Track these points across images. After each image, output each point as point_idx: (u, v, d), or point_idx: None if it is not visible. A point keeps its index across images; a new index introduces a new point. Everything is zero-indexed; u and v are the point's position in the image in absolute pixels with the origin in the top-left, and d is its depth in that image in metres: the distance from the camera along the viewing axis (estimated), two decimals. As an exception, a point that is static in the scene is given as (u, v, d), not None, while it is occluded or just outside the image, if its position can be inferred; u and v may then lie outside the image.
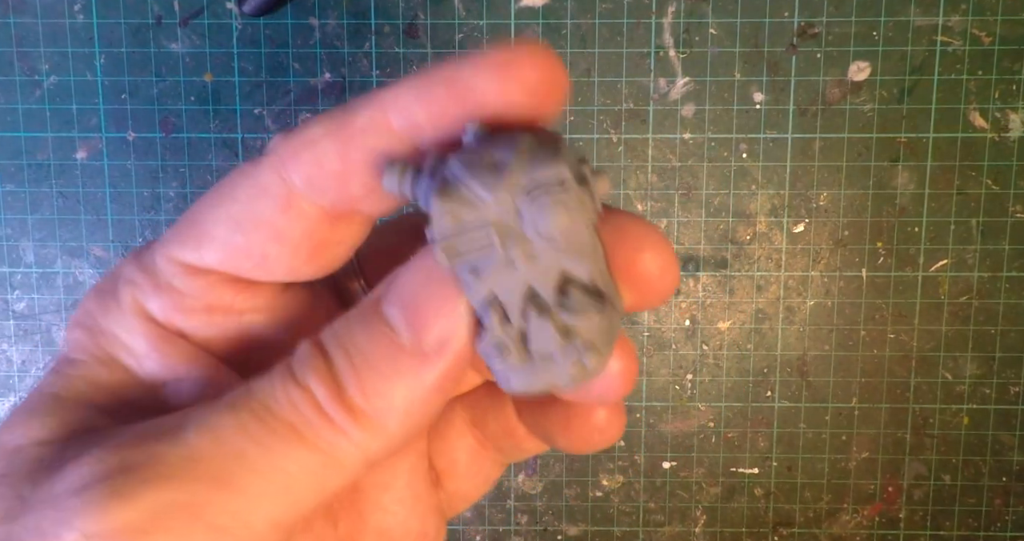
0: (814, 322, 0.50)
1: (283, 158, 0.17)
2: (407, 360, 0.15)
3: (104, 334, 0.18)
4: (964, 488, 0.51)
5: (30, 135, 0.49)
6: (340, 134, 0.16)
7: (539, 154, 0.14)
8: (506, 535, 0.52)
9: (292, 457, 0.15)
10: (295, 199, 0.17)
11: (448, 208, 0.14)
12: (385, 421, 0.16)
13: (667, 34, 0.48)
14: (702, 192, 0.49)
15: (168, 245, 0.18)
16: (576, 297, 0.15)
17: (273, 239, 0.17)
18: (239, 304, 0.18)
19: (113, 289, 0.18)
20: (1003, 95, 0.48)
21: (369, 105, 0.16)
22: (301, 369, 0.16)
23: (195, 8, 0.48)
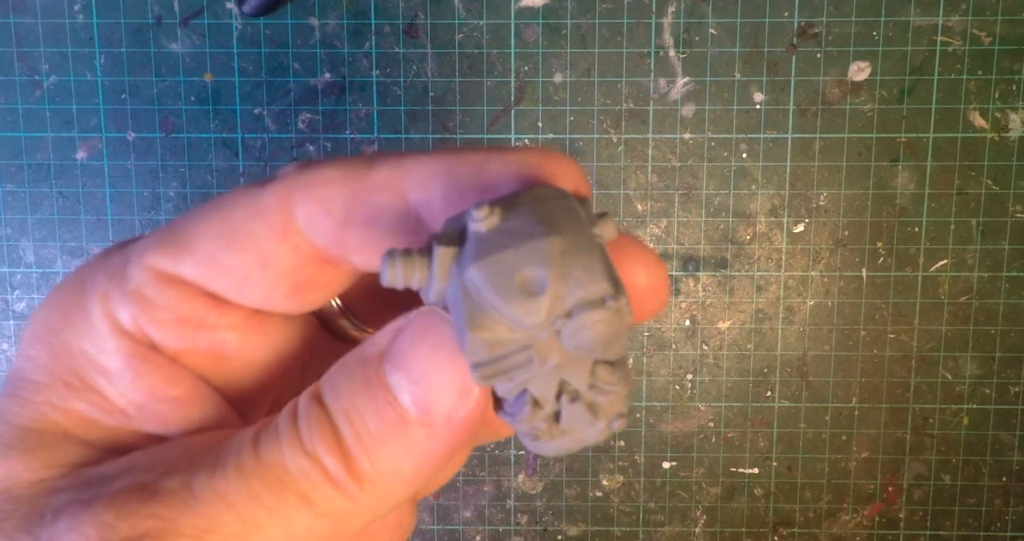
0: (814, 322, 0.50)
1: (292, 188, 0.16)
2: (415, 433, 0.15)
3: (71, 352, 0.17)
4: (964, 488, 0.51)
5: (30, 135, 0.49)
6: (354, 184, 0.16)
7: (576, 272, 0.14)
8: (506, 535, 0.52)
9: (305, 526, 0.15)
10: (292, 231, 0.17)
11: (484, 337, 0.14)
12: (393, 488, 0.16)
13: (667, 34, 0.48)
14: (702, 192, 0.49)
15: (146, 251, 0.17)
16: (605, 378, 0.15)
17: (259, 264, 0.17)
18: (212, 320, 0.18)
19: (79, 300, 0.17)
20: (1003, 95, 0.48)
21: (391, 166, 0.16)
22: (308, 435, 0.16)
23: (195, 8, 0.48)
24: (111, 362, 0.17)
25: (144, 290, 0.17)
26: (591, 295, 0.14)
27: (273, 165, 0.49)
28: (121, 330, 0.17)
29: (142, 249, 0.17)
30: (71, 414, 0.17)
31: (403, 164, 0.16)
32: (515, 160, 0.16)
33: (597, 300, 0.14)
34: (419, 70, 0.48)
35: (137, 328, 0.17)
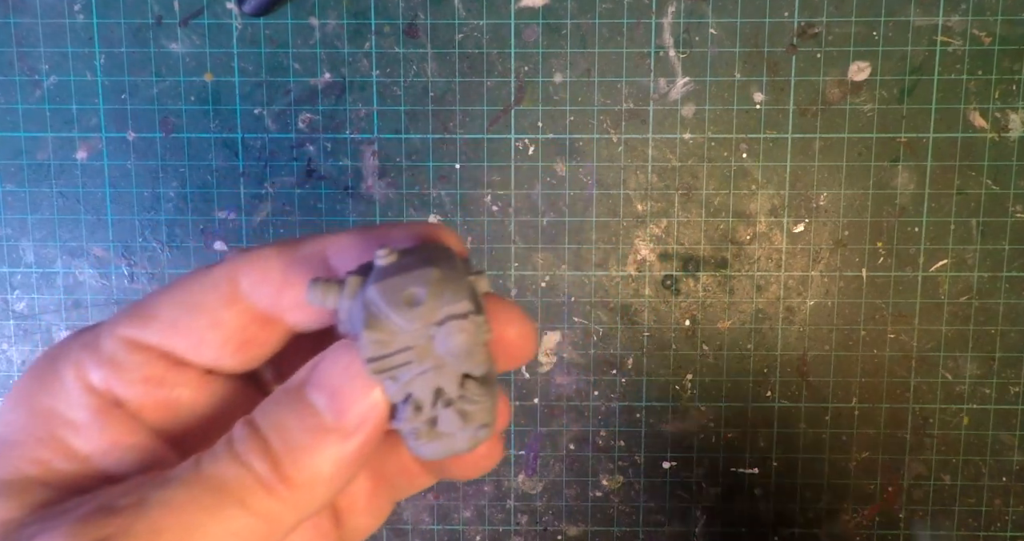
0: (814, 322, 0.50)
1: (238, 264, 0.21)
2: (331, 438, 0.19)
3: (44, 412, 0.20)
4: (964, 488, 0.51)
5: (30, 135, 0.49)
6: (287, 255, 0.21)
7: (447, 291, 0.18)
8: (506, 535, 0.52)
9: (242, 523, 0.18)
10: (238, 297, 0.21)
11: (376, 337, 0.18)
12: (316, 488, 0.19)
13: (667, 34, 0.48)
14: (702, 192, 0.49)
15: (116, 323, 0.21)
16: (472, 390, 0.19)
17: (211, 326, 0.21)
18: (171, 378, 0.21)
19: (52, 368, 0.21)
20: (1003, 95, 0.48)
21: (315, 241, 0.21)
22: (242, 447, 0.19)
23: (195, 8, 0.48)
24: (80, 416, 0.20)
25: (115, 356, 0.20)
26: (457, 310, 0.18)
27: (273, 165, 0.49)
28: (91, 389, 0.20)
29: (113, 323, 0.21)
30: (42, 464, 0.20)
31: (325, 239, 0.21)
32: (411, 230, 0.21)
33: (461, 314, 0.18)
34: (419, 70, 0.48)
35: (106, 388, 0.20)
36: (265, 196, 0.50)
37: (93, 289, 0.50)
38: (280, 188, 0.49)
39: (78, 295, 0.50)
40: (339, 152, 0.49)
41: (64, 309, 0.50)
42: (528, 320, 0.22)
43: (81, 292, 0.50)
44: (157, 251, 0.50)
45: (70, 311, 0.50)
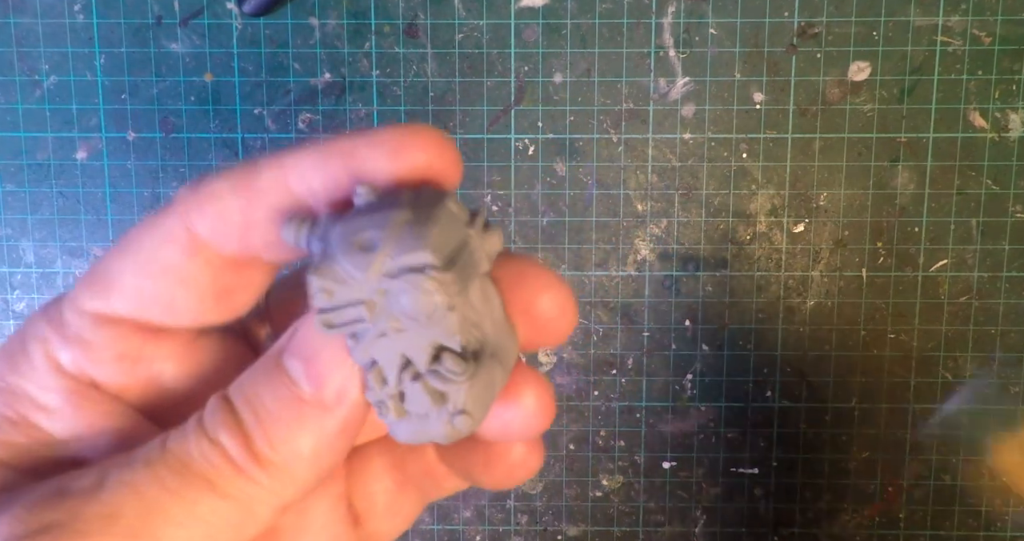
0: (814, 322, 0.50)
1: (188, 208, 0.18)
2: (309, 411, 0.16)
3: (14, 393, 0.18)
4: (964, 488, 0.51)
5: (30, 135, 0.49)
6: (243, 192, 0.17)
7: (407, 237, 0.15)
8: (506, 535, 0.52)
9: (209, 507, 0.16)
10: (199, 246, 0.18)
11: (321, 284, 0.16)
12: (293, 469, 0.17)
13: (667, 34, 0.48)
14: (702, 192, 0.49)
15: (77, 297, 0.18)
16: (447, 366, 0.16)
17: (179, 284, 0.18)
18: (149, 352, 0.19)
19: (22, 347, 0.19)
20: (1003, 95, 0.48)
21: (271, 167, 0.17)
22: (212, 423, 0.17)
23: (195, 8, 0.48)
24: (51, 400, 0.18)
25: (83, 334, 0.18)
26: (413, 261, 0.15)
27: (273, 165, 0.49)
28: (61, 371, 0.18)
29: (74, 295, 0.18)
30: (13, 447, 0.18)
31: (282, 162, 0.17)
32: (380, 141, 0.17)
33: (418, 266, 0.15)
34: (419, 70, 0.48)
35: (78, 369, 0.18)
36: (265, 196, 0.50)
37: (93, 289, 0.50)
38: (280, 188, 0.49)
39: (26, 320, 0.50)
40: (339, 152, 0.49)
41: (64, 309, 0.50)
42: (564, 287, 0.18)
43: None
44: (157, 251, 0.50)
45: (70, 311, 0.50)
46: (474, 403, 0.17)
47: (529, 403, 0.18)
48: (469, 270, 0.16)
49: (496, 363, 0.17)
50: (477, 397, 0.17)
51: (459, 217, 0.16)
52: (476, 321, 0.17)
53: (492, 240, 0.17)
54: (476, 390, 0.17)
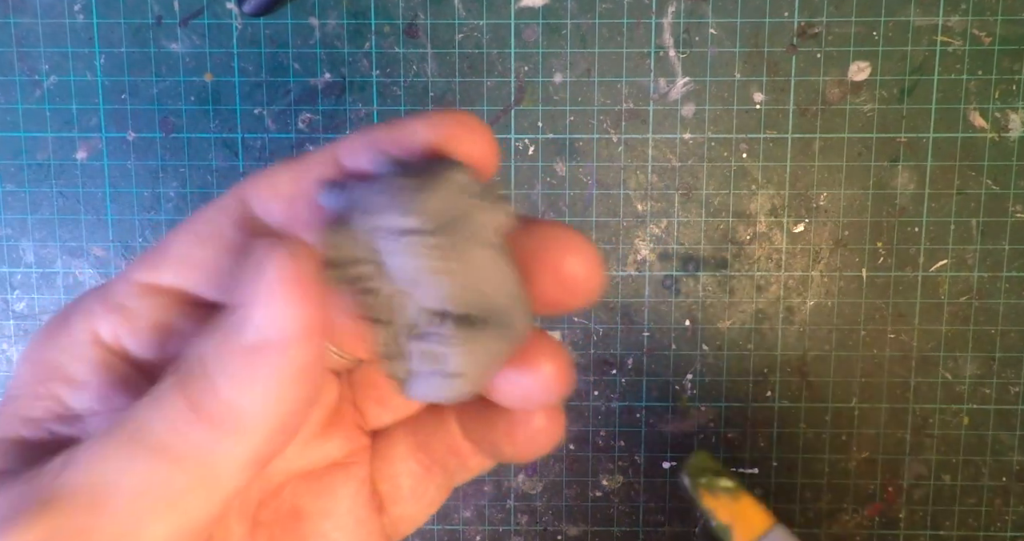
0: (814, 322, 0.50)
1: (245, 185, 0.19)
2: (249, 358, 0.16)
3: (46, 364, 0.18)
4: (964, 488, 0.51)
5: (30, 135, 0.49)
6: (296, 166, 0.18)
7: (403, 202, 0.16)
8: (506, 535, 0.52)
9: (163, 473, 0.16)
10: (250, 218, 0.18)
11: (332, 241, 0.17)
12: (243, 423, 0.16)
13: (667, 34, 0.48)
14: (702, 192, 0.49)
15: (130, 269, 0.19)
16: (448, 329, 0.17)
17: (226, 251, 0.18)
18: (182, 326, 0.18)
19: (65, 320, 0.19)
20: (1003, 95, 0.48)
21: (324, 148, 0.18)
22: (159, 387, 0.16)
23: (195, 8, 0.48)
24: (79, 372, 0.18)
25: (125, 301, 0.18)
26: (404, 224, 0.16)
27: (273, 165, 0.49)
28: (98, 341, 0.18)
29: (128, 269, 0.19)
30: (32, 423, 0.18)
31: (337, 142, 0.18)
32: (426, 125, 0.18)
33: (408, 230, 0.16)
34: (419, 70, 0.48)
35: (115, 339, 0.18)
36: (265, 196, 0.50)
37: (93, 289, 0.50)
38: (280, 188, 0.49)
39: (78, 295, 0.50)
40: (339, 152, 0.49)
41: (64, 309, 0.50)
42: (591, 247, 0.18)
43: (81, 292, 0.50)
44: (157, 251, 0.50)
45: (70, 311, 0.50)
46: (470, 367, 0.17)
47: (547, 370, 0.18)
48: (468, 239, 0.16)
49: (503, 333, 0.17)
50: (474, 362, 0.17)
51: (467, 188, 0.17)
52: (482, 289, 0.17)
53: (498, 213, 0.17)
54: (474, 355, 0.17)
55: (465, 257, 0.16)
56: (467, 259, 0.16)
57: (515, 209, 0.17)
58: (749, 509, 0.35)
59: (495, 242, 0.17)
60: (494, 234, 0.17)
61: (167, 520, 0.16)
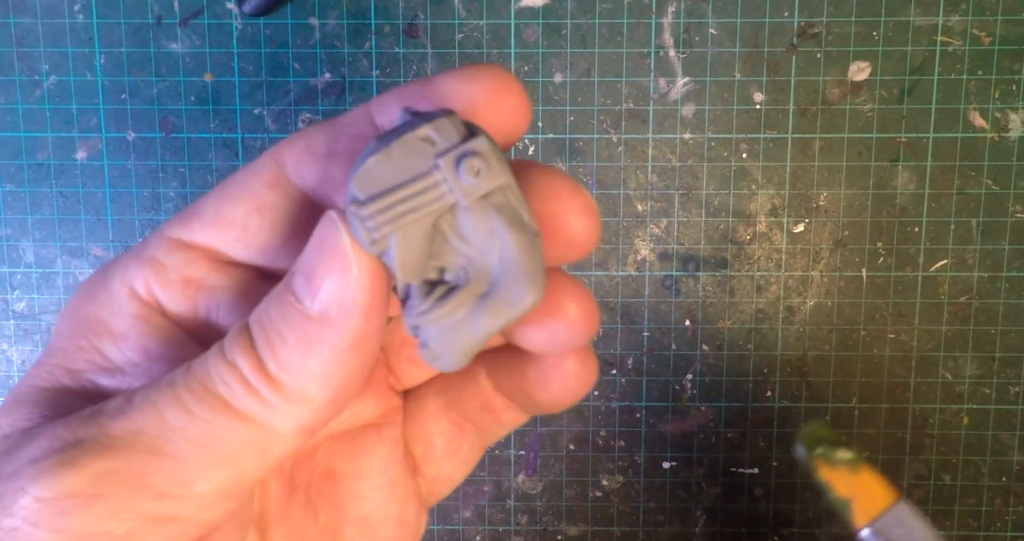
0: (814, 322, 0.50)
1: (280, 146, 0.19)
2: (314, 328, 0.16)
3: (87, 319, 0.19)
4: (964, 488, 0.51)
5: (30, 135, 0.49)
6: (330, 127, 0.19)
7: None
8: (506, 535, 0.52)
9: (227, 427, 0.16)
10: (283, 179, 0.19)
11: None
12: (306, 389, 0.16)
13: (667, 34, 0.48)
14: (702, 192, 0.49)
15: (163, 228, 0.20)
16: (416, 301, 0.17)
17: (256, 211, 0.19)
18: (212, 281, 0.19)
19: (103, 277, 0.20)
20: (1003, 95, 0.48)
21: (358, 107, 0.19)
22: (229, 346, 0.17)
23: (195, 8, 0.48)
24: (119, 325, 0.19)
25: (157, 255, 0.19)
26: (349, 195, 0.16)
27: (273, 165, 0.49)
28: (134, 295, 0.19)
29: (163, 226, 0.20)
30: (74, 374, 0.19)
31: (367, 102, 0.19)
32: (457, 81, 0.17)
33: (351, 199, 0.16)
34: (419, 70, 0.48)
35: (148, 292, 0.19)
36: (265, 196, 0.50)
37: (93, 289, 0.50)
38: (280, 188, 0.49)
39: (78, 295, 0.50)
40: (339, 152, 0.49)
41: (64, 309, 0.50)
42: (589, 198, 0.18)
43: (81, 292, 0.50)
44: (157, 251, 0.50)
45: (70, 311, 0.50)
46: (435, 340, 0.17)
47: (572, 311, 0.18)
48: (420, 202, 0.16)
49: (485, 306, 0.17)
50: (439, 335, 0.17)
51: (436, 144, 0.16)
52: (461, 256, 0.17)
53: (464, 176, 0.16)
54: (439, 327, 0.17)
55: (405, 227, 0.16)
56: (406, 229, 0.16)
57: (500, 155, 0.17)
58: (870, 482, 0.33)
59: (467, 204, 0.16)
60: (465, 196, 0.16)
61: (221, 473, 0.16)
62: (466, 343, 0.17)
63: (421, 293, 0.17)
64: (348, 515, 0.21)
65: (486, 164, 0.16)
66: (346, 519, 0.21)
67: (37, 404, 0.18)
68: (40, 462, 0.16)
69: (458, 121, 0.16)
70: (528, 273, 0.17)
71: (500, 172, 0.16)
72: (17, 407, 0.18)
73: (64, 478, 0.15)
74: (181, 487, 0.16)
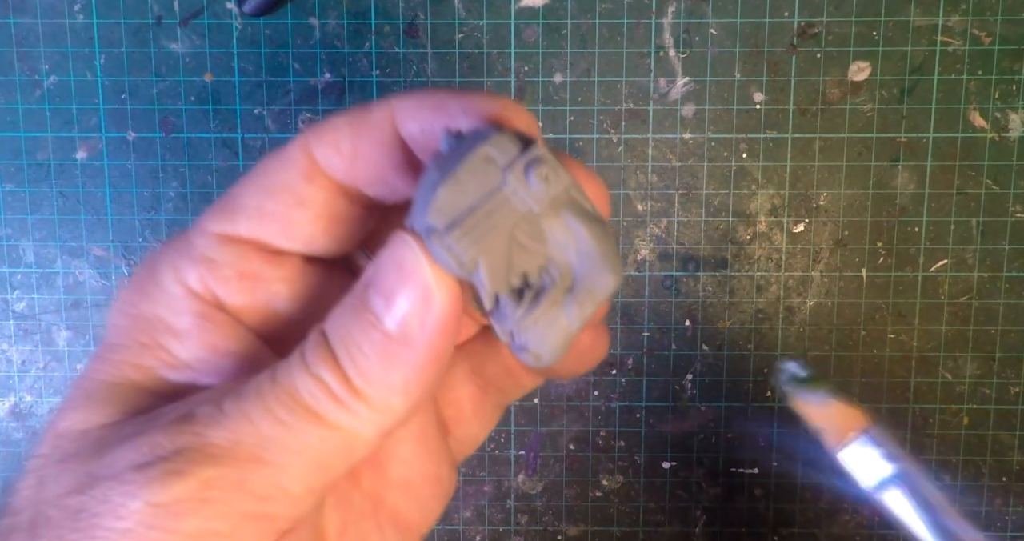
0: (814, 322, 0.50)
1: (308, 137, 0.20)
2: (395, 347, 0.18)
3: (146, 318, 0.20)
4: (964, 488, 0.51)
5: (30, 135, 0.49)
6: (356, 125, 0.19)
7: (422, 201, 0.17)
8: (506, 535, 0.52)
9: (317, 436, 0.18)
10: (316, 172, 0.20)
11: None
12: (389, 400, 0.18)
13: (667, 34, 0.48)
14: (702, 192, 0.49)
15: (204, 221, 0.20)
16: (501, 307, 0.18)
17: (296, 205, 0.20)
18: (266, 273, 0.20)
19: (152, 274, 0.20)
20: (1003, 95, 0.48)
21: (382, 105, 0.19)
22: (312, 359, 0.18)
23: (195, 8, 0.48)
24: (181, 323, 0.20)
25: (208, 252, 0.20)
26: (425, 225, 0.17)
27: (273, 165, 0.49)
28: (191, 293, 0.20)
29: (202, 222, 0.20)
30: (143, 370, 0.20)
31: (392, 104, 0.19)
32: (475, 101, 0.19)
33: (539, 158, 0.17)
34: (419, 70, 0.48)
35: (205, 288, 0.20)
36: (265, 196, 0.50)
37: (93, 289, 0.50)
38: (280, 188, 0.49)
39: (78, 295, 0.50)
40: (339, 152, 0.49)
41: (64, 309, 0.50)
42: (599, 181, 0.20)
43: (81, 292, 0.50)
44: (157, 251, 0.50)
45: (70, 311, 0.50)
46: (535, 342, 0.18)
47: None
48: (497, 218, 0.17)
49: (573, 298, 0.18)
50: (537, 336, 0.18)
51: (497, 161, 0.17)
52: (541, 258, 0.18)
53: (534, 183, 0.17)
54: (538, 328, 0.18)
55: (488, 245, 0.17)
56: (489, 246, 0.17)
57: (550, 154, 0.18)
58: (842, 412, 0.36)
59: (538, 211, 0.17)
60: (537, 203, 0.17)
61: (314, 478, 0.18)
62: (564, 337, 0.18)
63: (512, 301, 0.18)
64: (390, 479, 0.22)
65: (552, 169, 0.17)
66: (388, 483, 0.22)
67: (110, 400, 0.19)
68: (147, 470, 0.17)
69: (511, 134, 0.17)
70: (605, 257, 0.18)
71: (563, 173, 0.17)
72: (90, 402, 0.19)
73: (174, 485, 0.17)
74: (278, 490, 0.17)
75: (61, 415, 0.19)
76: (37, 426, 0.51)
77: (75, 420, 0.19)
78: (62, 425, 0.19)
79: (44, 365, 0.51)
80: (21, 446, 0.51)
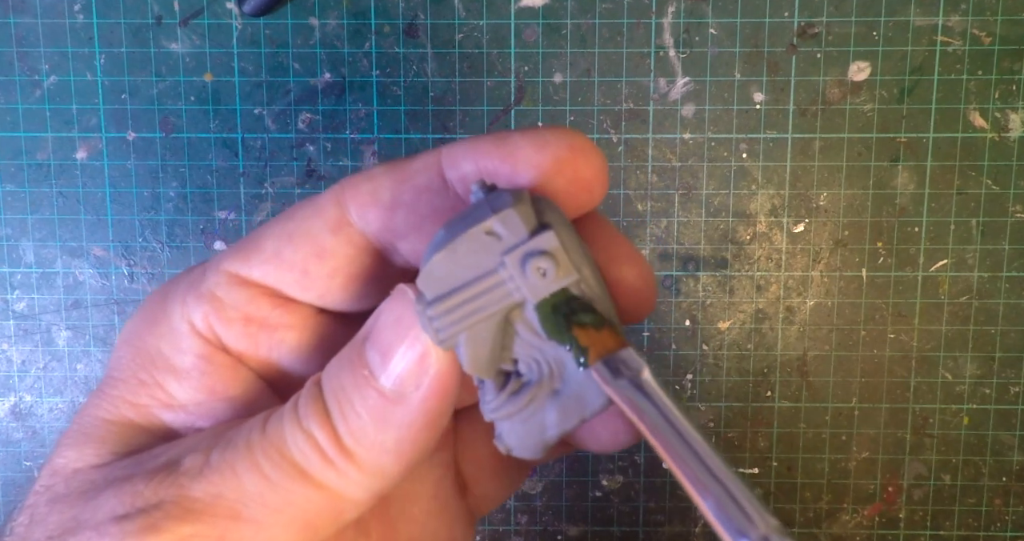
0: (814, 322, 0.50)
1: (344, 187, 0.19)
2: (388, 405, 0.17)
3: (149, 353, 0.19)
4: (964, 488, 0.51)
5: (30, 135, 0.49)
6: (397, 172, 0.18)
7: (423, 269, 0.16)
8: (506, 535, 0.52)
9: (303, 495, 0.17)
10: (345, 223, 0.18)
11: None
12: (380, 461, 0.17)
13: (667, 34, 0.48)
14: (702, 192, 0.49)
15: (222, 258, 0.19)
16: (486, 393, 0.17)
17: (316, 255, 0.19)
18: (274, 319, 0.19)
19: (162, 304, 0.19)
20: (1003, 95, 0.48)
21: (427, 154, 0.18)
22: (304, 411, 0.17)
23: (195, 8, 0.48)
24: (182, 362, 0.19)
25: (216, 291, 0.19)
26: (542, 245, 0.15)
27: (273, 165, 0.49)
28: (195, 331, 0.19)
29: (219, 258, 0.19)
30: (139, 408, 0.19)
31: (437, 150, 0.18)
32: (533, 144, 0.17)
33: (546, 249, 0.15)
34: (419, 70, 0.48)
35: (209, 328, 0.19)
36: (265, 196, 0.50)
37: (93, 289, 0.50)
38: (280, 188, 0.49)
39: (78, 295, 0.50)
40: (339, 152, 0.49)
41: (64, 309, 0.50)
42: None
43: (81, 292, 0.50)
44: (157, 251, 0.50)
45: (70, 311, 0.50)
46: (508, 434, 0.17)
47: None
48: (486, 301, 0.16)
49: (558, 403, 0.16)
50: (512, 429, 0.17)
51: (501, 240, 0.15)
52: (533, 349, 0.16)
53: (530, 275, 0.16)
54: (513, 423, 0.17)
55: (473, 327, 0.16)
56: (474, 328, 0.16)
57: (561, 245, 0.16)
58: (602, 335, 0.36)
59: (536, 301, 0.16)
60: (535, 295, 0.16)
61: (297, 534, 0.17)
62: (539, 440, 0.17)
63: (495, 386, 0.17)
64: (399, 536, 0.21)
65: (554, 263, 0.15)
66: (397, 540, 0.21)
67: (104, 440, 0.19)
68: (124, 523, 0.16)
69: (527, 211, 0.16)
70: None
71: (570, 268, 0.16)
72: (86, 440, 0.19)
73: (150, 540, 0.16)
74: None
75: (58, 451, 0.19)
76: (37, 426, 0.51)
77: (70, 458, 0.18)
78: (58, 462, 0.18)
79: (44, 365, 0.51)
80: (21, 446, 0.51)
